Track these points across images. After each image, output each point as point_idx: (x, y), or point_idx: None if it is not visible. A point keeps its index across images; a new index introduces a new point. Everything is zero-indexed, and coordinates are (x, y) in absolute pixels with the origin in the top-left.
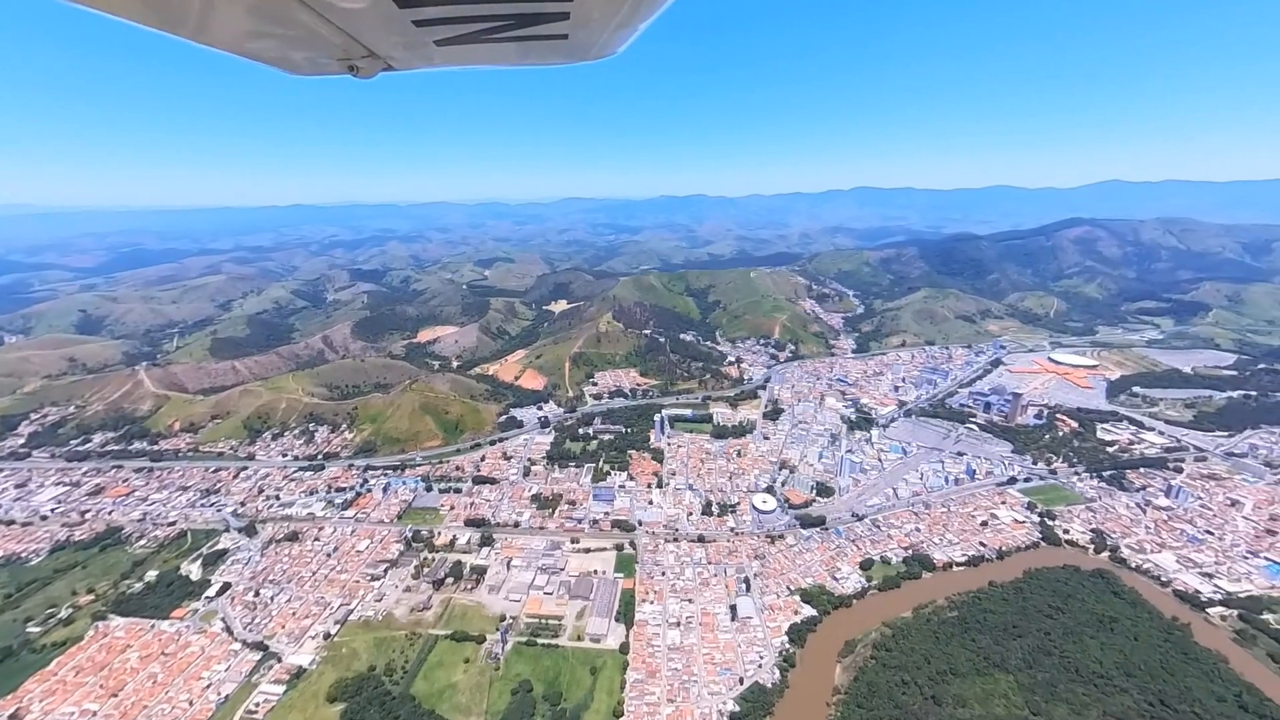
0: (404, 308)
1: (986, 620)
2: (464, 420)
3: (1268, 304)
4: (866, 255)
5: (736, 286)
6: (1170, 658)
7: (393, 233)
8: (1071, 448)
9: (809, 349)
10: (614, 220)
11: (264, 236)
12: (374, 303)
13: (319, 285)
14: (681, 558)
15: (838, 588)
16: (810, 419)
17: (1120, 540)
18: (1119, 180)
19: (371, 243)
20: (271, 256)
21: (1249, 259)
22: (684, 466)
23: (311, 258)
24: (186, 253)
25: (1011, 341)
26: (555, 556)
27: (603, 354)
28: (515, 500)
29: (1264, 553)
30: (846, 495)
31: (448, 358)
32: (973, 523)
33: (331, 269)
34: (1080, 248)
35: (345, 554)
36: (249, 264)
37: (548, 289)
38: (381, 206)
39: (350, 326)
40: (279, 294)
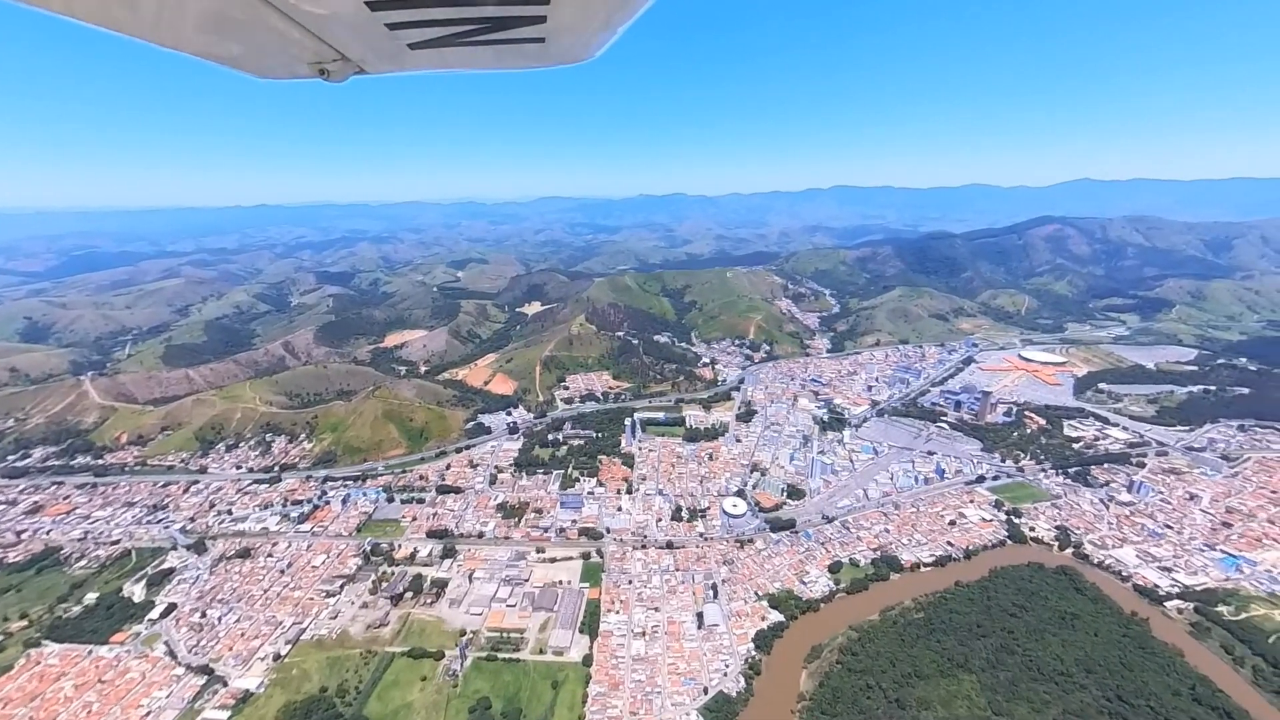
0: (371, 311)
1: (952, 621)
2: (429, 427)
3: (1228, 300)
4: (843, 254)
5: (713, 287)
6: (1129, 653)
7: (363, 233)
8: (1039, 445)
9: (784, 349)
10: (592, 220)
11: (227, 238)
12: (340, 306)
13: (283, 288)
14: (649, 565)
15: (806, 592)
16: (783, 420)
17: (1084, 536)
18: (1089, 179)
19: (341, 244)
20: (234, 259)
21: (1211, 256)
22: (654, 471)
23: (277, 260)
24: (143, 255)
25: (984, 339)
26: (520, 567)
27: (575, 357)
28: (480, 510)
29: (1219, 545)
30: (817, 497)
31: (415, 363)
32: (941, 522)
33: (297, 271)
34: (1051, 246)
35: (299, 570)
36: (210, 267)
37: (521, 291)
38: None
39: (314, 331)
40: (240, 298)
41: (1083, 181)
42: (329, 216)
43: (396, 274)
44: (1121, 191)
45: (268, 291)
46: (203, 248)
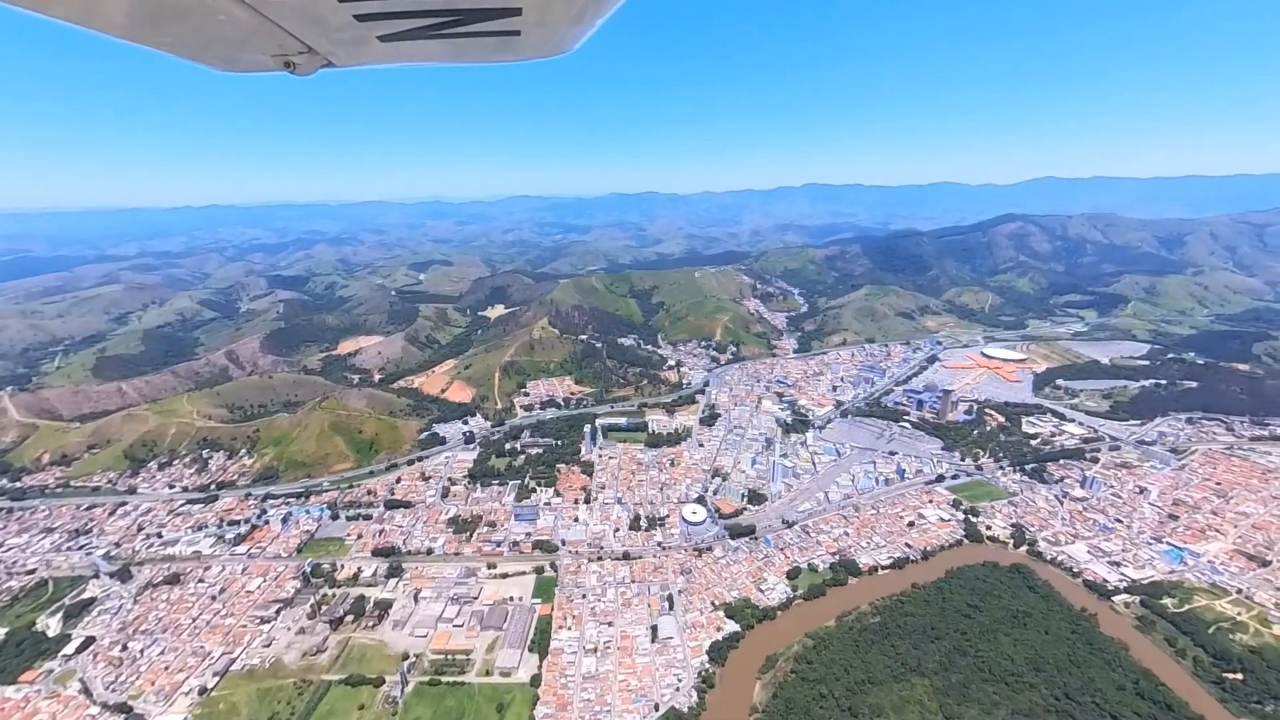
0: (324, 317)
1: (907, 624)
2: (380, 439)
3: (1179, 295)
4: (812, 253)
5: (681, 287)
6: (1077, 650)
7: (321, 235)
8: (998, 442)
9: (750, 350)
10: (562, 219)
11: (174, 240)
12: (291, 312)
13: (232, 294)
14: (605, 578)
15: (763, 599)
16: (746, 423)
17: (1038, 533)
18: (1053, 177)
19: (296, 246)
20: (180, 263)
21: (1164, 252)
22: (614, 479)
23: (227, 263)
24: (81, 260)
25: (948, 337)
26: (469, 584)
27: (536, 362)
28: (430, 524)
29: (1166, 538)
30: (778, 501)
31: (369, 371)
32: (900, 523)
33: (248, 275)
34: (1014, 243)
35: (233, 595)
36: (153, 271)
37: (484, 293)
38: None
39: (261, 339)
40: (184, 304)
41: (1047, 179)
42: (285, 217)
43: (354, 277)
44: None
45: (215, 297)
46: (147, 251)
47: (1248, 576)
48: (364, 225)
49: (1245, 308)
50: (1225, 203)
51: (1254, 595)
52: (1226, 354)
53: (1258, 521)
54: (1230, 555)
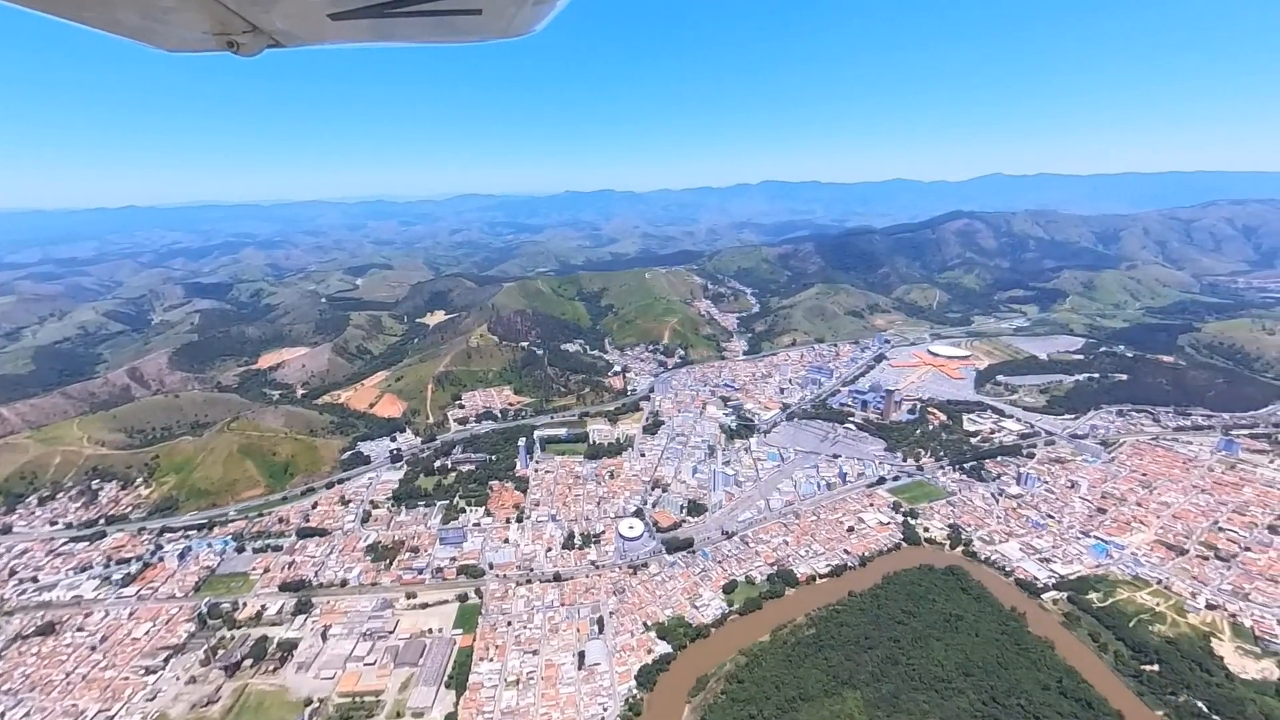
0: (244, 328)
1: (841, 634)
2: (296, 461)
3: (1114, 289)
4: (765, 252)
5: (631, 289)
6: (1005, 651)
7: (251, 238)
8: (939, 441)
9: (699, 353)
10: (514, 219)
11: (83, 246)
12: (208, 323)
13: (144, 304)
14: (533, 602)
15: (697, 617)
16: (689, 430)
17: (974, 533)
18: (1000, 174)
19: (223, 250)
20: (88, 270)
21: (1101, 247)
22: (549, 495)
23: (141, 270)
24: None
25: (896, 335)
26: (384, 618)
27: (473, 372)
28: (346, 553)
29: (1094, 532)
30: (719, 511)
31: (292, 386)
32: (839, 529)
33: (165, 283)
34: (961, 240)
35: (116, 644)
36: (55, 280)
37: (423, 299)
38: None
39: (169, 354)
40: (87, 317)
41: (995, 176)
42: (211, 219)
43: (284, 283)
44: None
45: (124, 308)
46: (50, 258)
47: (1167, 566)
48: (299, 227)
49: (1173, 300)
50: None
51: (1172, 585)
52: (1154, 346)
53: (1178, 511)
54: (1152, 546)
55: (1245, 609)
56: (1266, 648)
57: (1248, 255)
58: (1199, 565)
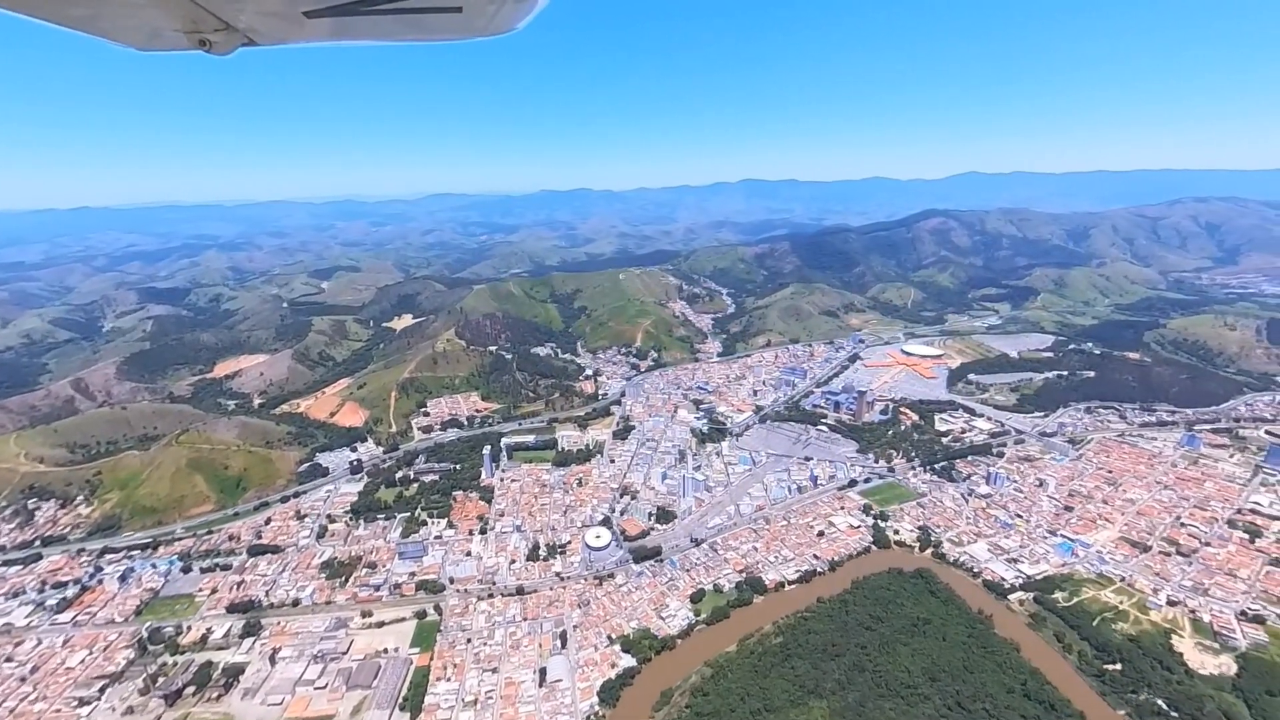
0: (200, 335)
1: (809, 642)
2: (249, 474)
3: (1084, 286)
4: (742, 251)
5: (605, 290)
6: (972, 655)
7: (213, 240)
8: (911, 441)
9: (673, 355)
10: (488, 218)
11: (32, 249)
12: (162, 330)
13: (95, 310)
14: (494, 617)
15: (663, 628)
16: (660, 435)
17: (943, 534)
18: (976, 172)
19: (182, 253)
20: (36, 275)
21: (1072, 244)
22: (515, 505)
23: (94, 275)
24: None
25: (870, 335)
26: (338, 638)
27: (439, 378)
28: (300, 571)
29: (1061, 531)
30: (688, 518)
31: (248, 395)
32: (810, 534)
33: (119, 288)
34: (936, 238)
35: (48, 674)
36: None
37: (391, 302)
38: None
39: (118, 364)
40: (32, 325)
41: (970, 174)
42: (171, 220)
43: (246, 287)
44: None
45: (73, 315)
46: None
47: (1131, 564)
48: (264, 228)
49: (1140, 297)
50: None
51: (1135, 582)
52: (1121, 343)
53: (1142, 507)
54: (1116, 543)
55: (1205, 604)
56: (1225, 643)
57: (1211, 252)
58: (1161, 561)
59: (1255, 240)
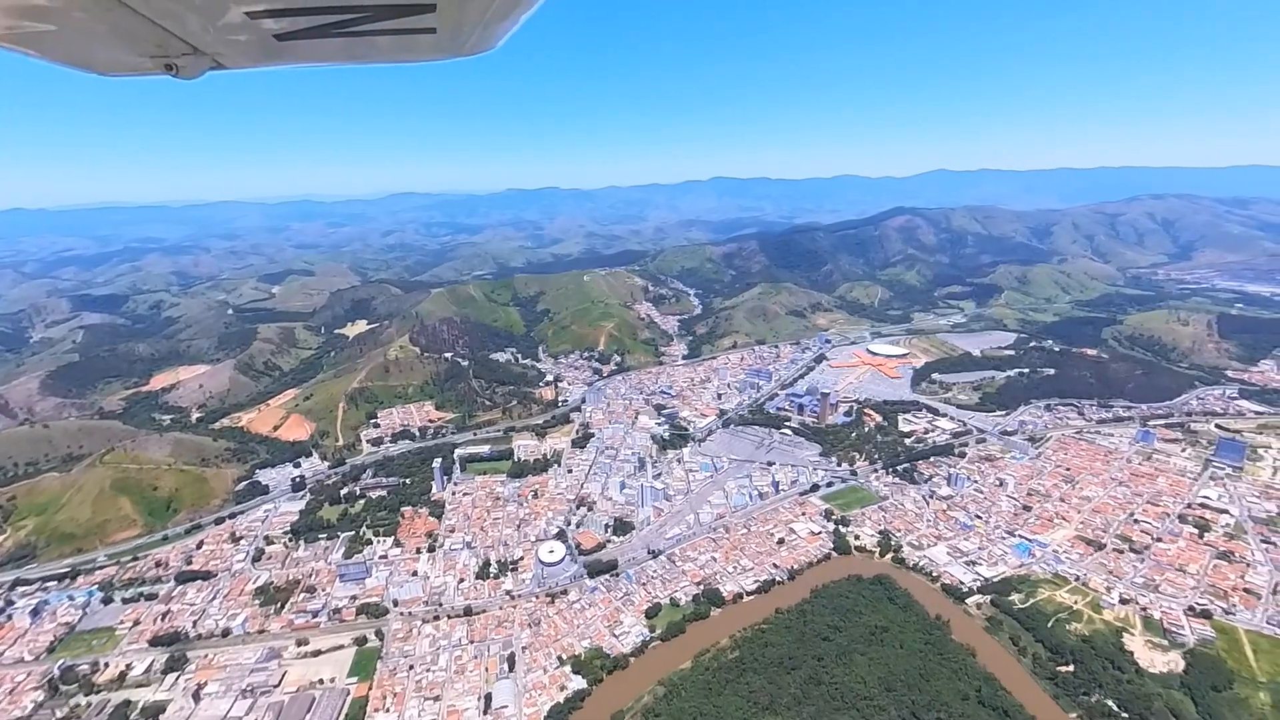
0: (135, 345)
1: (765, 656)
2: (181, 495)
3: (1046, 283)
4: (710, 251)
5: (568, 292)
6: (928, 662)
7: (157, 243)
8: (875, 443)
9: (637, 358)
10: (453, 218)
11: None
12: (94, 341)
13: (23, 320)
14: (439, 641)
15: (616, 646)
16: (619, 443)
17: (904, 538)
18: (944, 169)
19: (122, 257)
20: None
21: (1035, 241)
22: (466, 520)
23: (23, 281)
24: None
25: (837, 334)
26: (269, 670)
27: (391, 387)
28: (232, 598)
29: (1019, 531)
30: (646, 529)
31: (186, 409)
32: (770, 542)
33: (50, 296)
34: (903, 236)
35: None
36: None
37: (344, 307)
38: (146, 209)
39: (43, 378)
40: None
41: (939, 172)
42: (112, 223)
43: (189, 293)
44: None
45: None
46: None
47: (1086, 562)
48: (213, 230)
49: (1100, 293)
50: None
51: (1089, 581)
52: (1080, 340)
53: (1098, 505)
54: (1073, 542)
55: (1155, 601)
56: (1174, 639)
57: (1167, 248)
58: (1115, 559)
59: (1208, 236)
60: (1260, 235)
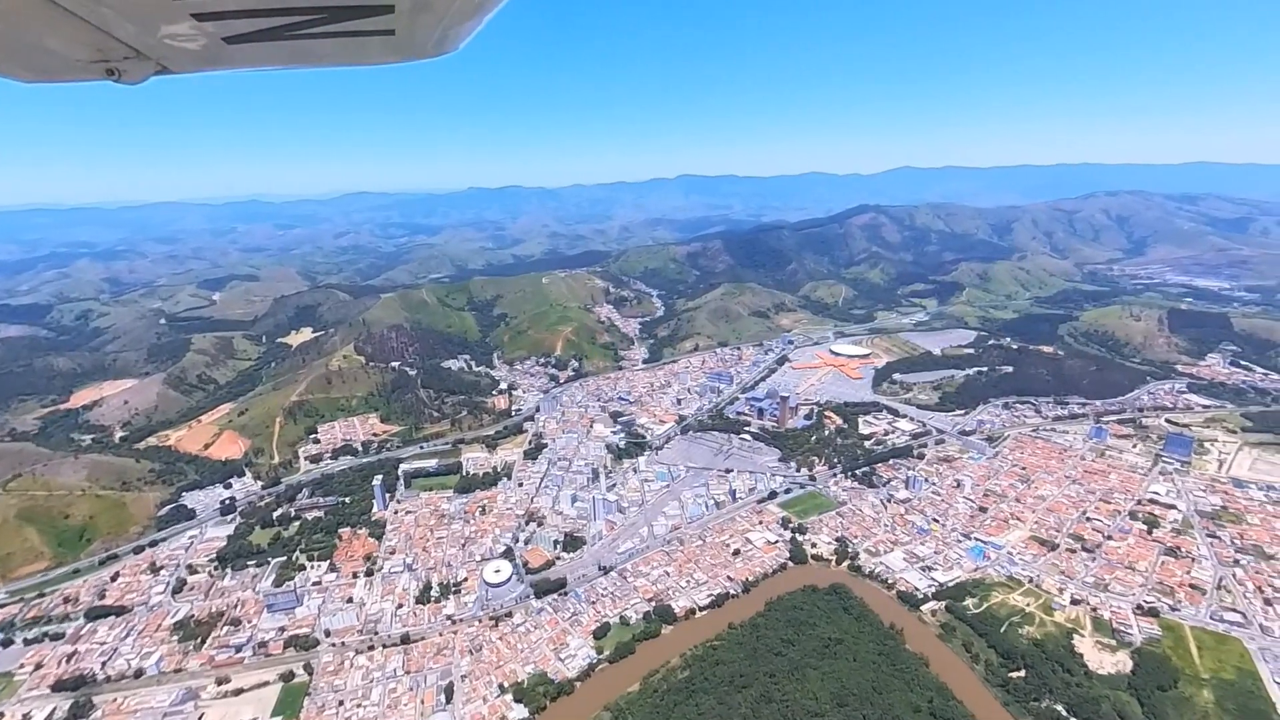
0: (56, 359)
1: (716, 674)
2: (96, 523)
3: (1007, 280)
4: (674, 251)
5: (526, 296)
6: (881, 674)
7: (89, 247)
8: (834, 447)
9: (596, 364)
10: (410, 219)
11: None
12: (10, 354)
13: None
14: (372, 673)
15: (562, 670)
16: (573, 453)
17: (860, 545)
18: (910, 166)
19: (49, 263)
20: None
21: (996, 238)
22: (408, 541)
23: None
24: None
25: (801, 335)
26: (185, 713)
27: (333, 399)
28: (148, 634)
29: (974, 533)
30: (598, 544)
31: (109, 428)
32: (725, 553)
33: None
34: (868, 234)
35: None
36: None
37: (288, 315)
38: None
39: None
40: None
41: (905, 169)
42: (40, 226)
43: (121, 301)
44: (935, 178)
45: None
46: None
47: (1039, 563)
48: (151, 233)
49: (1058, 289)
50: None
51: (1042, 582)
52: (1038, 337)
53: (1052, 503)
54: (1026, 543)
55: (1105, 601)
56: (1122, 639)
57: (1122, 244)
58: (1067, 559)
59: (1160, 232)
60: (1209, 230)
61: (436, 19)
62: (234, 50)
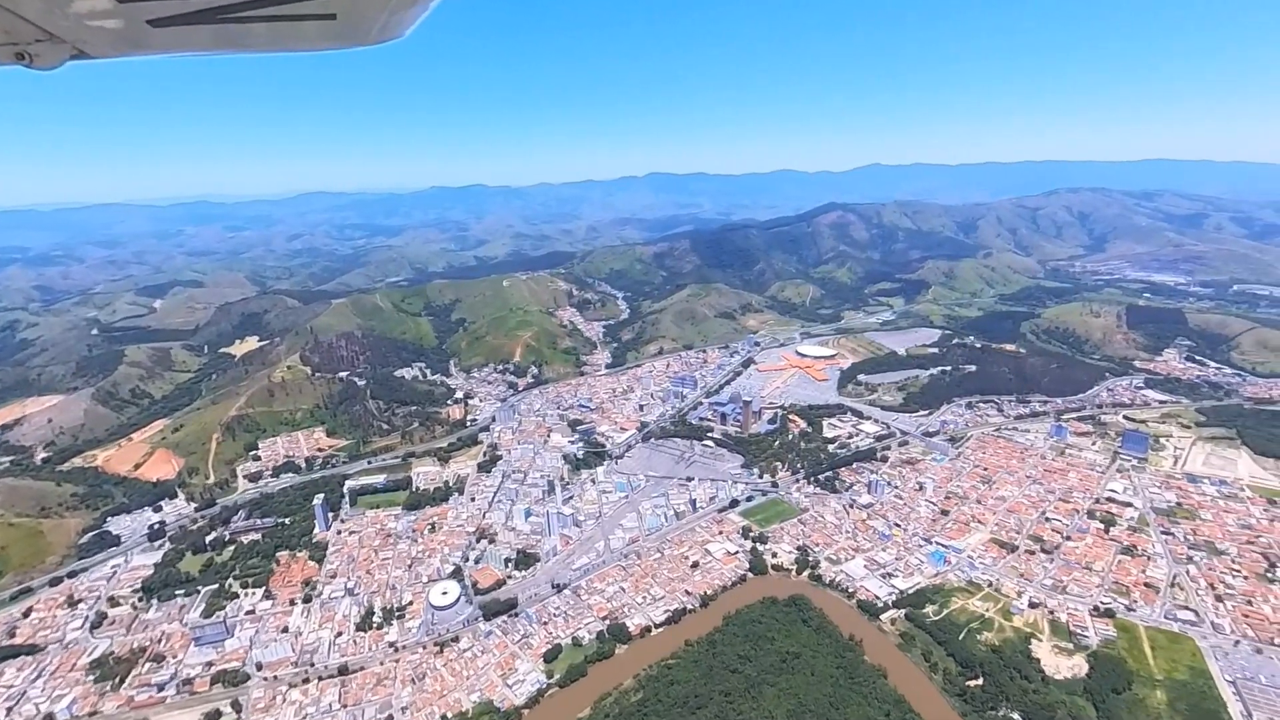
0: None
1: (670, 695)
2: (8, 554)
3: (972, 278)
4: (640, 251)
5: (486, 300)
6: (839, 688)
7: (20, 252)
8: (798, 451)
9: (556, 370)
10: (370, 219)
11: None
12: None
13: None
14: (306, 708)
15: (509, 698)
16: (529, 465)
17: (821, 553)
18: (879, 164)
19: None
20: None
21: (962, 236)
22: (351, 563)
23: None
24: None
25: (767, 336)
26: None
27: (276, 413)
28: (61, 674)
29: (935, 538)
30: (552, 561)
31: (29, 448)
32: (683, 566)
33: None
34: (835, 233)
35: None
36: None
37: (232, 323)
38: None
39: None
40: None
41: (873, 167)
42: None
43: (52, 310)
44: (903, 176)
45: None
46: None
47: (999, 566)
48: (90, 236)
49: (1022, 286)
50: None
51: (1002, 586)
52: (1001, 335)
53: (1013, 504)
54: (987, 546)
55: (1063, 603)
56: (1078, 642)
57: (1083, 240)
58: (1026, 561)
59: (1119, 228)
60: (1165, 226)
61: (380, 3)
62: (158, 34)
